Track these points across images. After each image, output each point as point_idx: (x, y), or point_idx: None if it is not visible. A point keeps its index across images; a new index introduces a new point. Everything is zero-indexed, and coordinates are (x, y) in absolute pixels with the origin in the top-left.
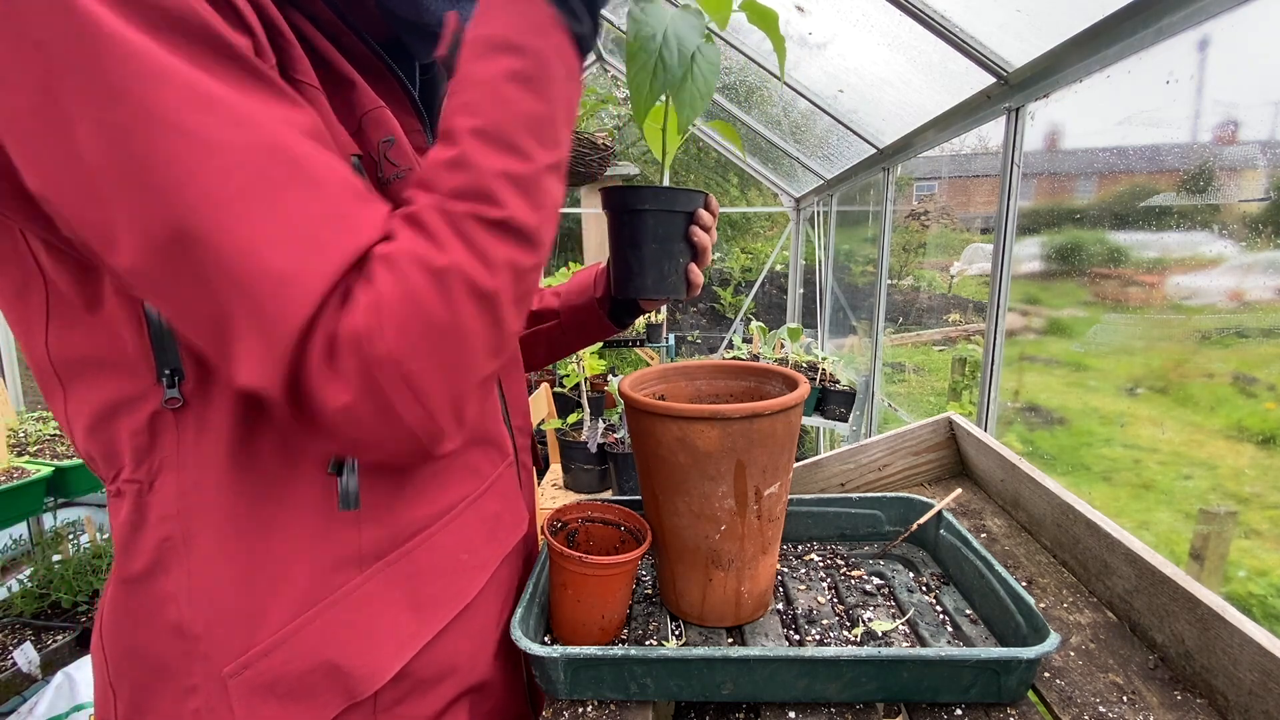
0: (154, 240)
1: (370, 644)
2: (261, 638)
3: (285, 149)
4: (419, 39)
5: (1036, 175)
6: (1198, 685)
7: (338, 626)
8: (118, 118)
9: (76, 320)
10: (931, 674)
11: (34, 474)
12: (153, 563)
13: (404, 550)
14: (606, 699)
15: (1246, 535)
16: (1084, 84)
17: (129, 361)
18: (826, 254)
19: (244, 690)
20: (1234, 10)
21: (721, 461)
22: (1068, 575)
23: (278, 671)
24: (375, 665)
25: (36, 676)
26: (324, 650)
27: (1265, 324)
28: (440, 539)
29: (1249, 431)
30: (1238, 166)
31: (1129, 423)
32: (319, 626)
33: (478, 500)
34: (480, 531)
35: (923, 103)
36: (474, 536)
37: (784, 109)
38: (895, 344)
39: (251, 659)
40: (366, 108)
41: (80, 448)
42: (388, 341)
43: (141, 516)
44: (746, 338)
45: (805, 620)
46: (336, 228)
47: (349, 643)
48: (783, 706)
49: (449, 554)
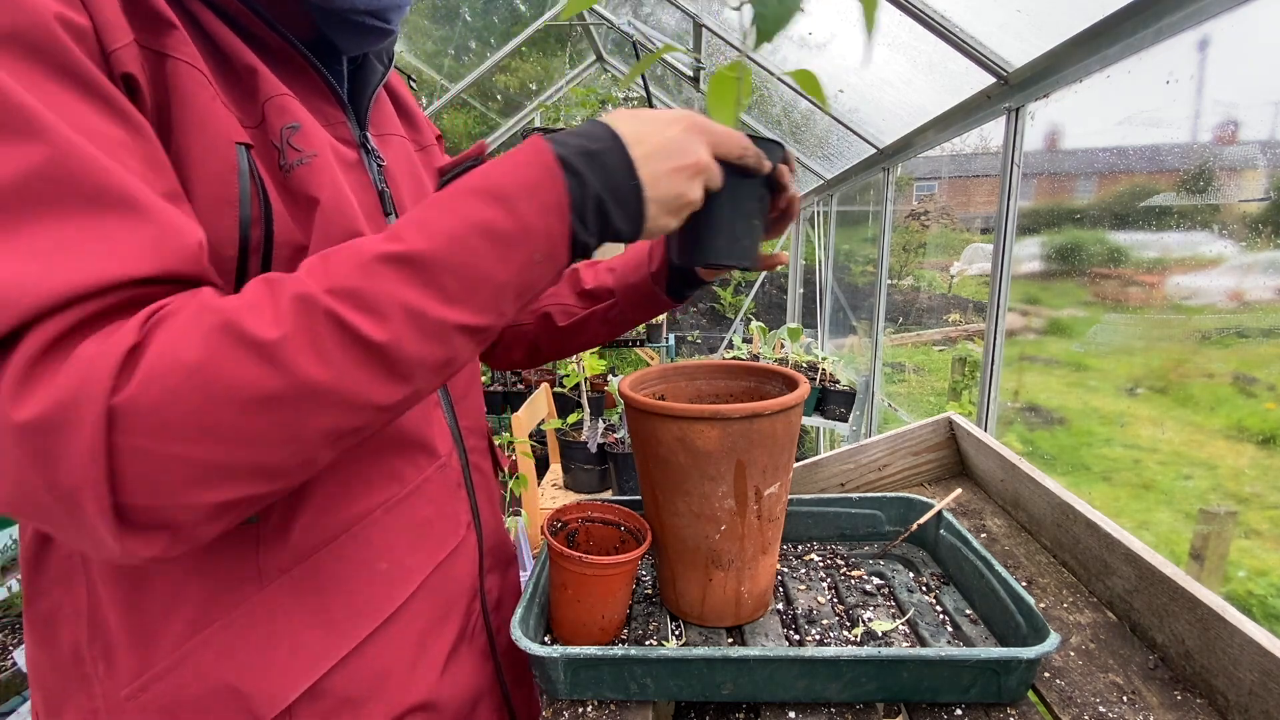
0: None
1: (270, 663)
2: (157, 660)
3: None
4: (339, 29)
5: (1036, 175)
6: (1198, 685)
7: (234, 647)
8: None
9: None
10: (931, 674)
11: None
12: (55, 581)
13: (308, 564)
14: (606, 699)
15: (1246, 535)
16: (1084, 84)
17: None
18: (826, 254)
19: (141, 713)
20: (1234, 10)
21: (721, 461)
22: (1068, 575)
23: (174, 695)
24: (277, 686)
25: None
26: (220, 672)
27: (1265, 324)
28: (350, 549)
29: (1249, 431)
30: (1238, 166)
31: (1129, 423)
32: (214, 647)
33: (397, 506)
34: (403, 539)
35: (923, 103)
36: (395, 544)
37: (784, 109)
38: (895, 344)
39: (147, 681)
40: (269, 95)
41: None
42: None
43: (45, 535)
44: (746, 338)
45: (805, 620)
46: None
47: (247, 663)
48: (783, 706)
49: (363, 564)
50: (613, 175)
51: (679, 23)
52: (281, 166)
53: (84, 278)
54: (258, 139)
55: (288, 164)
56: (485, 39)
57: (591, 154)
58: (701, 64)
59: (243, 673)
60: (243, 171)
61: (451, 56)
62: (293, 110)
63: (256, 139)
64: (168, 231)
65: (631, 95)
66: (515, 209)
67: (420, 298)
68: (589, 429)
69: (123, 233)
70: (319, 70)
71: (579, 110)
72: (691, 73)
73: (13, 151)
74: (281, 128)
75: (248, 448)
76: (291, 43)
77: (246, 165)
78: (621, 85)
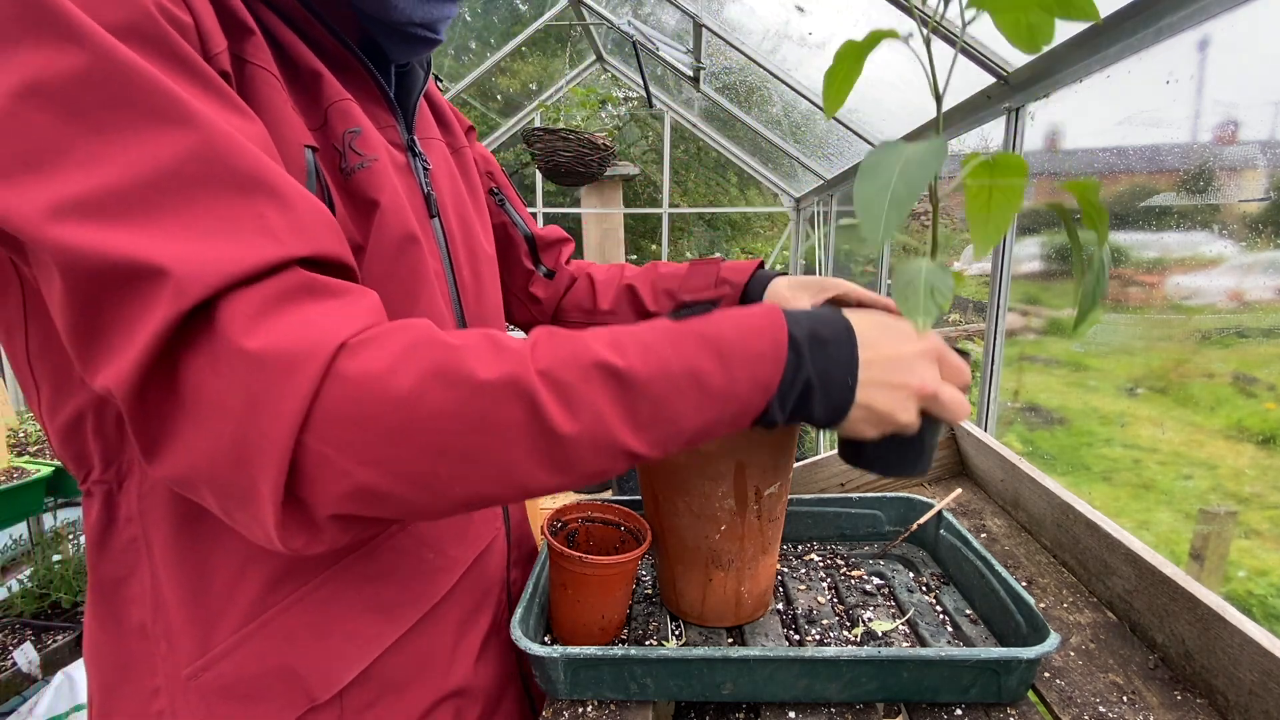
0: None
1: (327, 647)
2: (218, 640)
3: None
4: (390, 38)
5: (1037, 175)
6: (1198, 685)
7: (293, 630)
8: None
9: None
10: (931, 674)
11: (34, 474)
12: (121, 564)
13: (363, 553)
14: (606, 699)
15: (1246, 535)
16: (1084, 84)
17: None
18: (826, 254)
19: (203, 692)
20: (1234, 10)
21: (721, 461)
22: (1068, 575)
23: (235, 674)
24: (333, 669)
25: (36, 676)
26: (279, 654)
27: (1265, 324)
28: (403, 540)
29: (1249, 431)
30: (1238, 166)
31: (1129, 423)
32: (274, 631)
33: None
34: (450, 531)
35: (923, 103)
36: (441, 536)
37: (784, 109)
38: None
39: (209, 661)
40: (332, 99)
41: (56, 449)
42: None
43: (110, 517)
44: None
45: (805, 620)
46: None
47: (305, 646)
48: (783, 706)
49: (413, 554)
50: (832, 368)
51: (679, 22)
52: (342, 169)
53: (255, 256)
54: (320, 141)
55: (349, 167)
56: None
57: (821, 340)
58: (701, 64)
59: (300, 656)
60: (310, 173)
61: (451, 56)
62: (355, 115)
63: (319, 141)
64: (311, 213)
65: (631, 95)
66: (731, 372)
67: (614, 412)
68: None
69: (273, 214)
70: (374, 75)
71: (579, 110)
72: (691, 73)
73: (167, 136)
74: (344, 132)
75: (407, 485)
76: (350, 49)
77: (314, 167)
78: (621, 85)
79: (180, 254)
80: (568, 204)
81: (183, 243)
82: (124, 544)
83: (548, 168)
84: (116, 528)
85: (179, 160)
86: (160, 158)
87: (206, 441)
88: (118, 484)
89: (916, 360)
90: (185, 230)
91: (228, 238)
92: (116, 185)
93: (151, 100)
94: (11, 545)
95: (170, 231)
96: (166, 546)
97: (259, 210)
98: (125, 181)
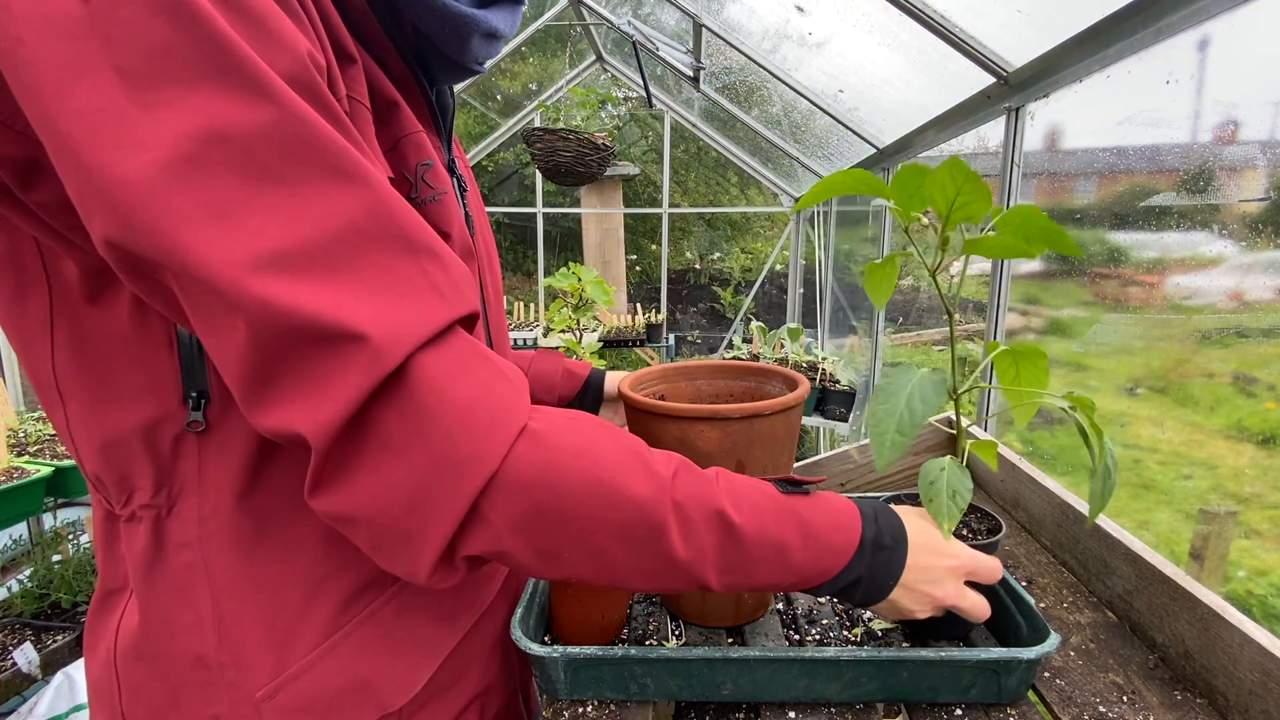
0: None
1: (399, 657)
2: (293, 660)
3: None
4: (448, 71)
5: (1036, 175)
6: (1198, 685)
7: (369, 642)
8: None
9: (89, 335)
10: (931, 674)
11: (34, 474)
12: (171, 593)
13: None
14: (606, 699)
15: (1246, 535)
16: (1084, 84)
17: (152, 383)
18: (826, 254)
19: (279, 712)
20: (1234, 10)
21: (722, 461)
22: (1068, 575)
23: (312, 691)
24: (406, 677)
25: (36, 676)
26: (355, 667)
27: (1265, 324)
28: None
29: (1249, 431)
30: (1238, 166)
31: (1129, 423)
32: (351, 645)
33: None
34: None
35: (923, 102)
36: None
37: (784, 109)
38: (895, 344)
39: (284, 682)
40: (407, 130)
41: (87, 469)
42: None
43: (159, 543)
44: (746, 338)
45: (805, 620)
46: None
47: (380, 657)
48: (783, 706)
49: None
50: (880, 572)
51: (679, 22)
52: (412, 199)
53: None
54: (392, 167)
55: (421, 198)
56: None
57: (881, 547)
58: (701, 64)
59: (377, 665)
60: None
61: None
62: (427, 149)
63: (391, 167)
64: (460, 270)
65: (631, 95)
66: (809, 554)
67: (714, 554)
68: None
69: (437, 273)
70: (429, 100)
71: (579, 110)
72: (691, 73)
73: (346, 193)
74: (417, 164)
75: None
76: (416, 75)
77: None
78: (621, 85)
79: (375, 318)
80: (568, 204)
81: (374, 305)
82: (176, 571)
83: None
84: (166, 554)
85: (360, 218)
86: (343, 215)
87: (383, 487)
88: (168, 509)
89: (946, 575)
90: (373, 290)
91: (411, 299)
92: (308, 242)
93: (328, 157)
94: (11, 545)
95: (361, 291)
96: (233, 571)
97: (425, 267)
98: (316, 238)
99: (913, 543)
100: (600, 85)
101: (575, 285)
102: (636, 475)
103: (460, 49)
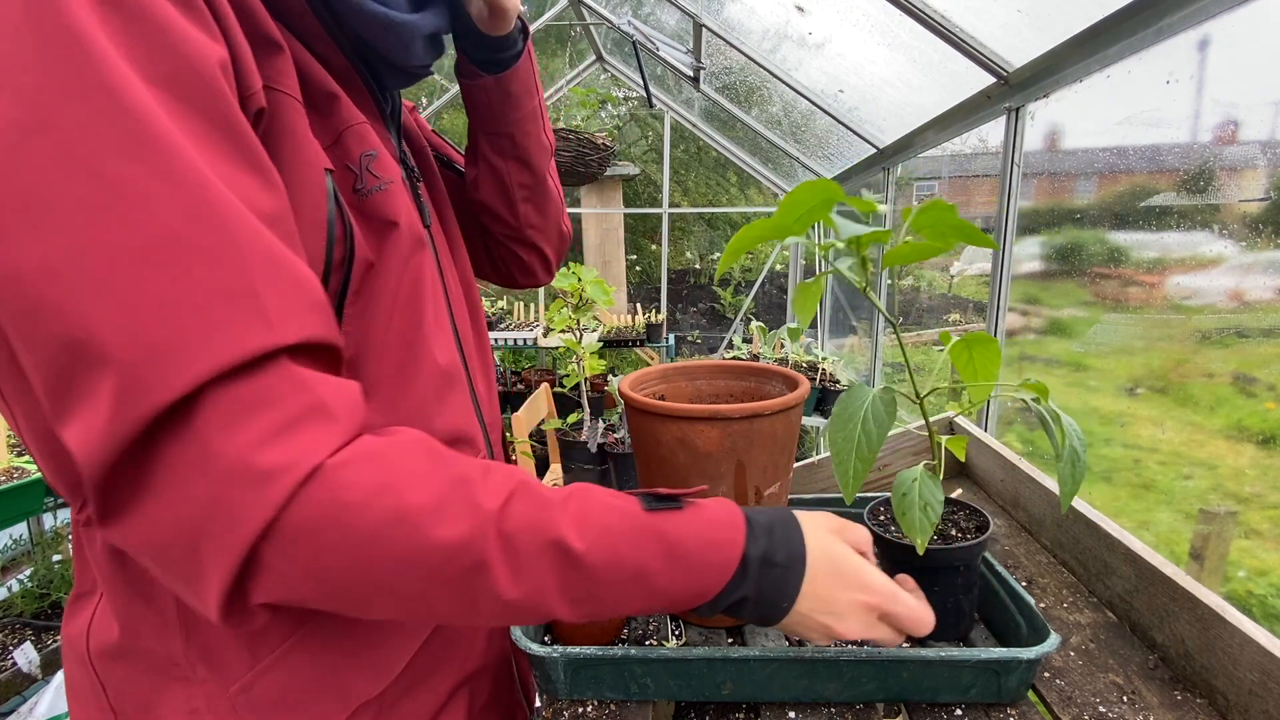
0: None
1: (372, 645)
2: (264, 654)
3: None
4: (395, 76)
5: (1036, 175)
6: (1198, 685)
7: (339, 633)
8: None
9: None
10: (931, 674)
11: (34, 474)
12: (136, 595)
13: None
14: (606, 699)
15: (1246, 535)
16: (1084, 84)
17: None
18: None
19: (253, 707)
20: (1234, 10)
21: (722, 461)
22: (1068, 575)
23: (285, 684)
24: (380, 665)
25: (36, 676)
26: (328, 657)
27: (1265, 324)
28: None
29: (1249, 431)
30: (1238, 166)
31: (1129, 423)
32: (320, 636)
33: None
34: None
35: (923, 102)
36: None
37: (784, 109)
38: (895, 344)
39: (256, 676)
40: (349, 122)
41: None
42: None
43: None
44: (746, 338)
45: None
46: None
47: (352, 646)
48: (783, 706)
49: None
50: (774, 590)
51: (679, 22)
52: (357, 190)
53: (244, 344)
54: (334, 160)
55: (365, 189)
56: None
57: (771, 564)
58: (701, 64)
59: (349, 654)
60: (330, 196)
61: (451, 57)
62: (370, 139)
63: (333, 160)
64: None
65: (631, 95)
66: (674, 576)
67: (554, 587)
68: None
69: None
70: (374, 94)
71: (579, 110)
72: (691, 73)
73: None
74: (360, 155)
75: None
76: (357, 68)
77: (333, 191)
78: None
79: (163, 341)
80: (568, 204)
81: (167, 324)
82: (139, 574)
83: None
84: (127, 559)
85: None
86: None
87: (165, 524)
88: None
89: (851, 610)
90: (173, 307)
91: (220, 322)
92: (104, 245)
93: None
94: (11, 545)
95: (155, 308)
96: None
97: (253, 287)
98: (114, 242)
99: (815, 568)
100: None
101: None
102: (452, 510)
103: (405, 54)
